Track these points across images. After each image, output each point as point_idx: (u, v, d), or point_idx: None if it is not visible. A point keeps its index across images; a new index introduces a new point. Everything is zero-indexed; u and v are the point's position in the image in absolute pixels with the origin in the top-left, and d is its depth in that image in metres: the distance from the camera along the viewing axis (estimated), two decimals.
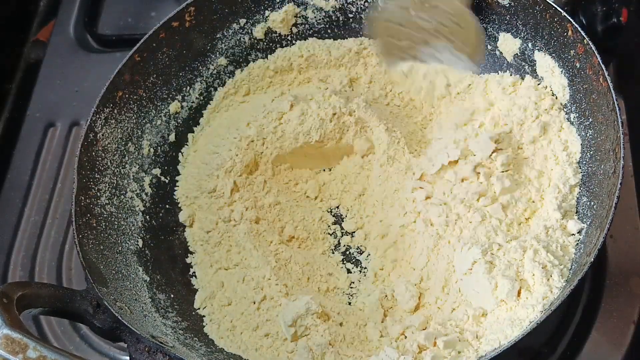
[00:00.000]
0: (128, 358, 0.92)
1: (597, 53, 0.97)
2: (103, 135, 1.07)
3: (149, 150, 1.14)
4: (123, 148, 1.10)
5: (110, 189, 1.07)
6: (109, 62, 1.26)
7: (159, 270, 1.07)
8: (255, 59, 1.23)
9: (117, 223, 1.06)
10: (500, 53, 1.14)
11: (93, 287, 0.92)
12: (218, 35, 1.20)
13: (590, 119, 1.01)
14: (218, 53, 1.21)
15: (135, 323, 0.91)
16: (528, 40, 1.09)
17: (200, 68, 1.20)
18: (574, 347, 1.04)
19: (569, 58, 1.03)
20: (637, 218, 1.12)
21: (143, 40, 1.13)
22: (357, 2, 1.22)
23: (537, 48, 1.08)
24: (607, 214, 0.89)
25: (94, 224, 1.02)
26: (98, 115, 1.07)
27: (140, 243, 1.08)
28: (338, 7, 1.22)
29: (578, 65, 1.01)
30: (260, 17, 1.21)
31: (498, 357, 0.86)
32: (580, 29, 0.99)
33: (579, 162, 1.03)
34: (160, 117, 1.16)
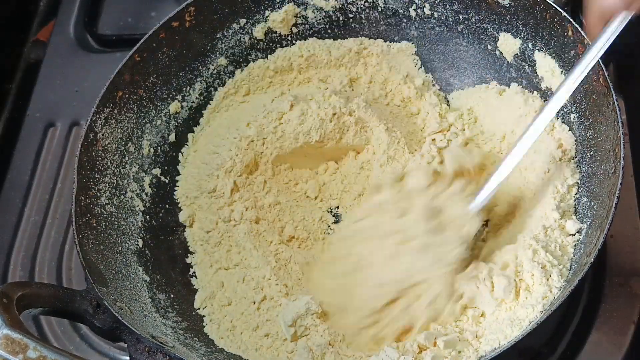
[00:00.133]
0: (128, 358, 0.92)
1: None
2: (103, 135, 1.07)
3: (149, 150, 1.14)
4: (123, 148, 1.10)
5: (110, 189, 1.07)
6: (109, 62, 1.26)
7: (159, 270, 1.07)
8: (255, 59, 1.23)
9: (117, 223, 1.06)
10: (500, 53, 1.14)
11: (93, 287, 0.92)
12: (218, 35, 1.20)
13: (590, 119, 1.01)
14: (218, 53, 1.21)
15: (135, 323, 0.91)
16: (528, 41, 1.09)
17: (200, 68, 1.20)
18: (574, 347, 1.04)
19: (569, 58, 1.03)
20: (637, 218, 1.11)
21: (143, 40, 1.13)
22: (357, 2, 1.22)
23: (537, 48, 1.08)
24: (607, 214, 0.89)
25: (94, 224, 1.02)
26: (98, 115, 1.07)
27: (140, 243, 1.08)
28: (338, 7, 1.22)
29: None
30: (260, 17, 1.21)
31: (498, 357, 0.86)
32: (580, 29, 0.99)
33: (579, 162, 1.03)
34: (160, 117, 1.16)
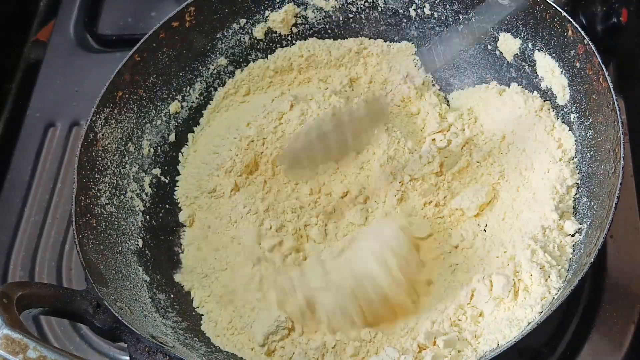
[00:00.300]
0: (128, 358, 0.92)
1: (597, 53, 0.97)
2: (103, 135, 1.07)
3: (149, 150, 1.14)
4: (123, 148, 1.10)
5: (110, 189, 1.07)
6: (109, 62, 1.26)
7: (159, 270, 1.07)
8: (255, 59, 1.23)
9: (117, 223, 1.06)
10: (500, 53, 1.14)
11: (93, 287, 0.92)
12: (218, 35, 1.20)
13: (590, 119, 1.01)
14: (218, 53, 1.21)
15: (135, 323, 0.91)
16: (528, 40, 1.09)
17: (200, 68, 1.20)
18: (574, 347, 1.04)
19: (569, 58, 1.03)
20: (637, 218, 1.12)
21: (143, 40, 1.13)
22: (357, 2, 1.22)
23: (537, 48, 1.08)
24: (607, 214, 0.89)
25: (94, 224, 1.02)
26: (98, 115, 1.07)
27: (140, 243, 1.08)
28: (338, 7, 1.22)
29: (578, 65, 1.01)
30: (260, 17, 1.21)
31: (498, 357, 0.86)
32: (580, 29, 0.99)
33: (578, 162, 1.03)
34: (160, 117, 1.16)
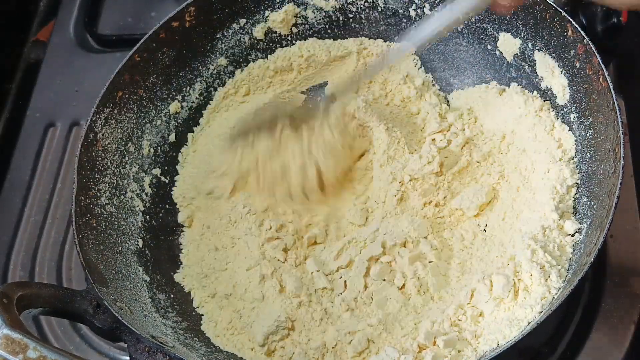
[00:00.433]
0: (128, 358, 0.92)
1: (597, 53, 0.97)
2: (103, 135, 1.07)
3: (149, 150, 1.14)
4: (123, 148, 1.10)
5: (110, 189, 1.07)
6: (109, 62, 1.26)
7: (159, 271, 1.07)
8: (255, 59, 1.23)
9: (117, 223, 1.06)
10: (500, 53, 1.14)
11: (93, 287, 0.92)
12: (218, 35, 1.20)
13: (590, 119, 1.01)
14: (218, 53, 1.21)
15: (135, 323, 0.91)
16: (528, 40, 1.09)
17: (200, 68, 1.20)
18: (574, 347, 1.04)
19: (569, 58, 1.03)
20: (637, 218, 1.12)
21: (143, 40, 1.13)
22: (357, 2, 1.22)
23: (537, 48, 1.08)
24: (607, 214, 0.89)
25: (94, 224, 1.02)
26: (98, 115, 1.07)
27: (140, 243, 1.08)
28: (338, 7, 1.22)
29: (578, 65, 1.01)
30: (260, 17, 1.21)
31: (498, 357, 0.86)
32: (580, 29, 0.99)
33: (578, 162, 1.03)
34: (160, 117, 1.16)
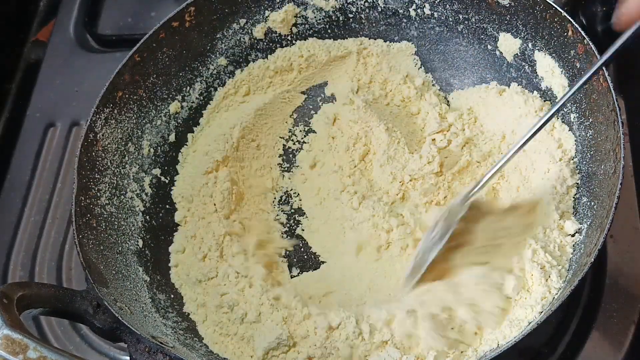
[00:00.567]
0: (128, 358, 0.92)
1: (597, 53, 0.97)
2: (103, 135, 1.07)
3: (149, 150, 1.14)
4: (123, 148, 1.10)
5: (110, 189, 1.07)
6: (109, 62, 1.26)
7: (159, 271, 1.07)
8: (255, 59, 1.23)
9: (117, 223, 1.06)
10: (500, 53, 1.14)
11: (93, 287, 0.92)
12: (218, 35, 1.20)
13: (590, 119, 1.01)
14: (218, 53, 1.21)
15: (136, 323, 0.91)
16: (528, 40, 1.09)
17: (200, 68, 1.20)
18: (574, 347, 1.04)
19: (569, 58, 1.03)
20: (637, 218, 1.12)
21: (143, 40, 1.13)
22: (357, 2, 1.22)
23: (537, 48, 1.08)
24: (607, 214, 0.89)
25: (94, 224, 1.02)
26: (98, 115, 1.07)
27: (141, 243, 1.08)
28: (338, 7, 1.22)
29: (578, 65, 1.01)
30: (260, 17, 1.21)
31: (498, 357, 0.86)
32: (581, 29, 0.99)
33: (578, 162, 1.03)
34: (160, 117, 1.16)
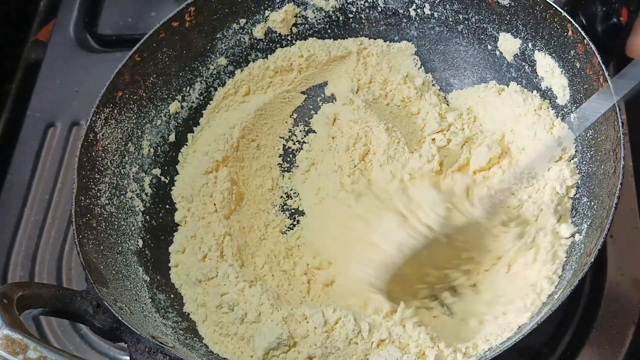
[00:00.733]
0: (128, 358, 0.92)
1: (597, 53, 0.97)
2: (103, 135, 1.07)
3: (149, 150, 1.14)
4: (123, 148, 1.10)
5: (110, 189, 1.07)
6: (109, 62, 1.26)
7: (159, 271, 1.07)
8: (255, 59, 1.23)
9: (117, 223, 1.06)
10: (500, 53, 1.14)
11: (93, 287, 0.92)
12: (218, 35, 1.20)
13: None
14: (218, 53, 1.21)
15: (136, 323, 0.91)
16: (528, 40, 1.09)
17: (200, 68, 1.20)
18: (574, 347, 1.04)
19: (569, 58, 1.03)
20: (637, 218, 1.12)
21: (143, 40, 1.12)
22: (357, 2, 1.22)
23: (537, 48, 1.08)
24: (607, 214, 0.89)
25: (94, 224, 1.02)
26: (98, 115, 1.07)
27: (141, 243, 1.08)
28: (338, 7, 1.22)
29: (578, 65, 1.01)
30: (260, 17, 1.21)
31: (498, 357, 0.86)
32: (580, 29, 0.99)
33: (578, 162, 1.03)
34: (160, 117, 1.16)
